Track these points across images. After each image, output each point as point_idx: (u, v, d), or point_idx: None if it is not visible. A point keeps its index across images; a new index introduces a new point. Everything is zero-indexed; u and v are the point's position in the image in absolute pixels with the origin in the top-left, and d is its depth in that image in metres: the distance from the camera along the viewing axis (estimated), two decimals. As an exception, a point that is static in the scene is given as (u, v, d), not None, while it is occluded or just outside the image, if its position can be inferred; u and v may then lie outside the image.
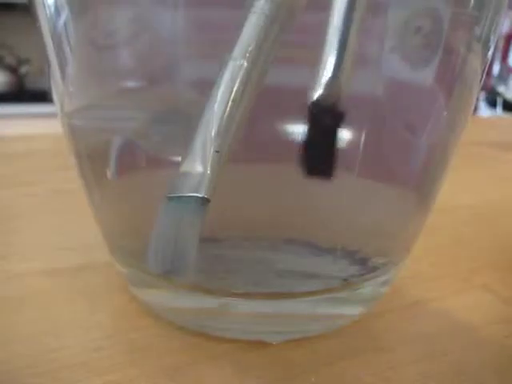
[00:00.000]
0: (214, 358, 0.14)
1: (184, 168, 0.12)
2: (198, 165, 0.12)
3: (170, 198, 0.12)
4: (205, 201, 0.12)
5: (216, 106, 0.11)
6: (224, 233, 0.14)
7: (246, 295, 0.14)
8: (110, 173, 0.15)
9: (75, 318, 0.16)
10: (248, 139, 0.12)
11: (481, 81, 0.15)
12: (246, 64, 0.11)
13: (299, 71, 0.12)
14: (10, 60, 1.68)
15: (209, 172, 0.12)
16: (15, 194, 0.27)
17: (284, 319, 0.15)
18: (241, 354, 0.14)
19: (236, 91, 0.11)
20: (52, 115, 0.20)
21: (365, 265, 0.15)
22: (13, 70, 1.69)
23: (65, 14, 0.13)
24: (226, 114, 0.11)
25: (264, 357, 0.14)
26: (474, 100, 0.15)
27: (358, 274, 0.15)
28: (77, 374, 0.13)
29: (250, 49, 0.11)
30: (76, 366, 0.14)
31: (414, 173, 0.15)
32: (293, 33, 0.12)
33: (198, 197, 0.12)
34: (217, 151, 0.11)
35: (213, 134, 0.11)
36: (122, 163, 0.14)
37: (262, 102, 0.12)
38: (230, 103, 0.11)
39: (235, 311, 0.15)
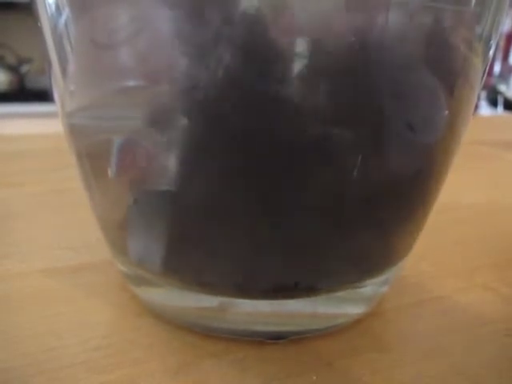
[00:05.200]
0: (214, 357, 0.14)
1: None
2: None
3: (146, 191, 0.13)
4: (173, 193, 0.12)
5: None
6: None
7: (247, 294, 0.14)
8: (110, 172, 0.15)
9: (75, 317, 0.16)
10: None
11: (482, 80, 0.15)
12: None
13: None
14: (10, 59, 1.68)
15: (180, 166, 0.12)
16: (15, 193, 0.27)
17: (284, 318, 0.15)
18: (242, 353, 0.14)
19: None
20: (53, 114, 0.20)
21: (365, 264, 0.15)
22: (13, 69, 1.69)
23: (66, 14, 0.13)
24: None
25: (265, 356, 0.14)
26: (476, 99, 0.15)
27: (359, 272, 0.15)
28: (77, 373, 0.13)
29: None
30: (76, 365, 0.14)
31: (415, 172, 0.15)
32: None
33: (167, 190, 0.12)
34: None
35: None
36: (122, 162, 0.14)
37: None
38: None
39: (235, 310, 0.15)
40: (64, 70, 0.14)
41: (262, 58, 0.11)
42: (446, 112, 0.14)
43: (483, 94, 1.56)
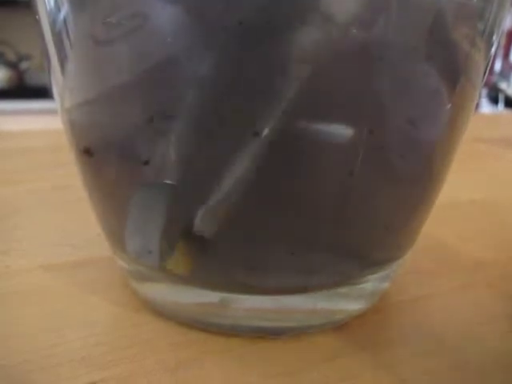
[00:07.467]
0: (215, 353, 0.14)
1: None
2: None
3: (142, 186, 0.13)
4: (169, 187, 0.13)
5: None
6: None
7: (247, 290, 0.14)
8: (110, 169, 0.15)
9: (75, 314, 0.16)
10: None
11: (484, 77, 0.15)
12: None
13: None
14: (10, 56, 1.68)
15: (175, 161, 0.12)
16: (15, 190, 0.27)
17: (285, 314, 0.15)
18: (242, 350, 0.14)
19: None
20: (52, 111, 0.20)
21: (366, 260, 0.15)
22: (13, 65, 1.69)
23: (65, 10, 0.13)
24: None
25: (265, 352, 0.14)
26: (477, 96, 0.15)
27: (360, 268, 0.15)
28: (77, 369, 0.13)
29: None
30: (76, 361, 0.14)
31: (416, 168, 0.14)
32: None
33: (163, 184, 0.13)
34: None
35: None
36: (122, 159, 0.14)
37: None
38: None
39: (236, 306, 0.15)
40: (63, 67, 0.14)
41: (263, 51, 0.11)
42: (448, 109, 0.14)
43: (484, 92, 1.56)
